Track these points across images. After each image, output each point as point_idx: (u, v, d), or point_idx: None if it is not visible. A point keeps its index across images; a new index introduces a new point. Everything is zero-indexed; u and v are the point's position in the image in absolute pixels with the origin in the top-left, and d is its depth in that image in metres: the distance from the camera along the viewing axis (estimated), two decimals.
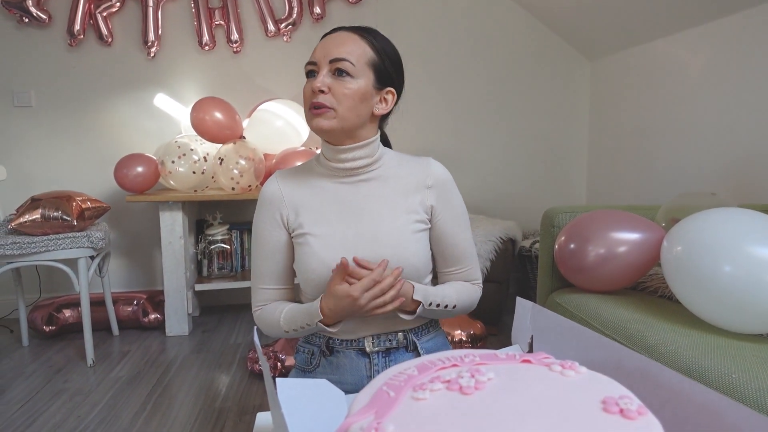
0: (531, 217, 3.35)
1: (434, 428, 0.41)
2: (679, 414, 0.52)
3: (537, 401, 0.45)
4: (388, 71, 1.00)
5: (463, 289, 1.07)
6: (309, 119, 0.97)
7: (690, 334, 1.20)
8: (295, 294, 1.09)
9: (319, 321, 0.94)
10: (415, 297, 0.96)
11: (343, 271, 0.90)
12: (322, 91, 0.94)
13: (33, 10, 2.77)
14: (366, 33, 0.99)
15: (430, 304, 0.98)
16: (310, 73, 0.97)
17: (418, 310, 0.97)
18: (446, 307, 1.01)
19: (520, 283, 3.23)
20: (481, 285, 1.11)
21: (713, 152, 2.37)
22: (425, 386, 0.48)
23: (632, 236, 1.50)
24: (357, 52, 0.96)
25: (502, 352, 0.57)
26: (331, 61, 0.94)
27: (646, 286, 1.64)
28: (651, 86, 2.79)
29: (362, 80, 0.96)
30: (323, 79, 0.94)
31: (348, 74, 0.95)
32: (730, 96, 2.27)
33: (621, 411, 0.43)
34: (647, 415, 0.43)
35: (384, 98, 1.01)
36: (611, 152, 3.20)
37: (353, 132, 0.98)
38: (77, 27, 2.83)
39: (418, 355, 1.02)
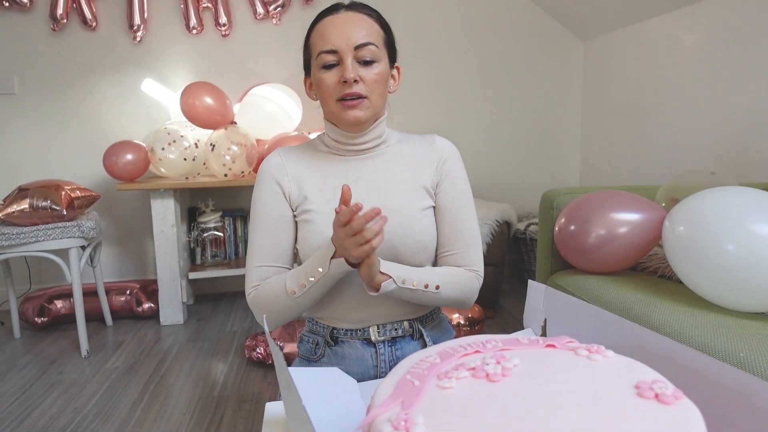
0: (524, 199, 3.35)
1: (466, 418, 0.40)
2: (708, 395, 0.51)
3: (568, 387, 0.44)
4: (394, 47, 0.99)
5: (448, 271, 0.97)
6: (340, 112, 0.91)
7: (694, 314, 1.20)
8: None
9: (333, 257, 0.86)
10: (382, 270, 0.87)
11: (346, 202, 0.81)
12: (355, 81, 0.89)
13: None
14: (370, 10, 0.96)
15: (404, 282, 0.89)
16: (328, 64, 0.90)
17: (384, 285, 0.87)
18: (426, 287, 0.91)
19: (515, 266, 3.24)
20: (479, 273, 1.00)
21: (710, 131, 2.37)
22: (450, 374, 0.46)
23: (633, 217, 1.49)
24: (374, 34, 0.93)
25: (523, 337, 0.55)
26: (357, 48, 0.90)
27: (645, 267, 1.64)
28: (646, 65, 2.77)
29: (383, 62, 0.94)
30: (353, 68, 0.89)
31: (373, 60, 0.92)
32: (726, 74, 2.26)
33: (656, 396, 0.41)
34: (683, 399, 0.42)
35: (393, 75, 0.99)
36: (605, 133, 3.19)
37: (378, 117, 0.97)
38: (60, 11, 2.75)
39: (424, 343, 1.00)
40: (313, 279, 0.88)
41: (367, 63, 0.91)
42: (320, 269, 0.87)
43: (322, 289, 0.90)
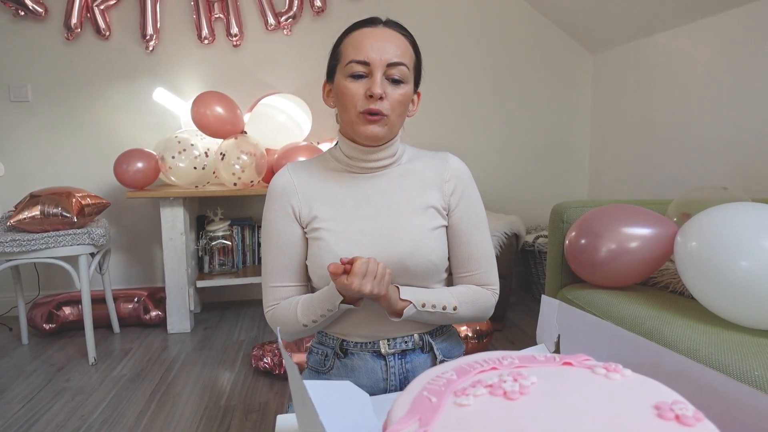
0: (533, 211, 3.34)
1: None
2: (727, 417, 0.50)
3: (586, 406, 0.43)
4: (421, 72, 0.99)
5: (464, 291, 0.99)
6: (359, 124, 0.91)
7: (707, 331, 1.19)
8: (308, 292, 1.06)
9: (341, 302, 0.89)
10: (402, 297, 0.91)
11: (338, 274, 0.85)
12: (381, 98, 0.89)
13: (29, 3, 2.72)
14: (406, 31, 0.96)
15: (424, 306, 0.92)
16: (356, 74, 0.91)
17: (405, 311, 0.91)
18: (444, 308, 0.95)
19: (524, 278, 3.22)
20: (495, 290, 1.03)
21: (721, 146, 2.36)
22: (467, 391, 0.46)
23: (644, 231, 1.48)
24: (407, 56, 0.93)
25: (539, 354, 0.55)
26: (389, 65, 0.90)
27: (657, 282, 1.63)
28: (655, 80, 2.77)
29: (410, 85, 0.94)
30: (382, 84, 0.89)
31: (402, 80, 0.92)
32: (737, 89, 2.25)
33: (677, 417, 0.41)
34: (704, 421, 0.41)
35: (413, 99, 0.99)
36: (614, 146, 3.19)
37: (393, 136, 0.97)
38: (74, 20, 2.79)
39: (434, 356, 1.00)
40: (323, 317, 0.93)
41: (395, 82, 0.91)
42: (330, 310, 0.91)
43: (333, 320, 0.97)
